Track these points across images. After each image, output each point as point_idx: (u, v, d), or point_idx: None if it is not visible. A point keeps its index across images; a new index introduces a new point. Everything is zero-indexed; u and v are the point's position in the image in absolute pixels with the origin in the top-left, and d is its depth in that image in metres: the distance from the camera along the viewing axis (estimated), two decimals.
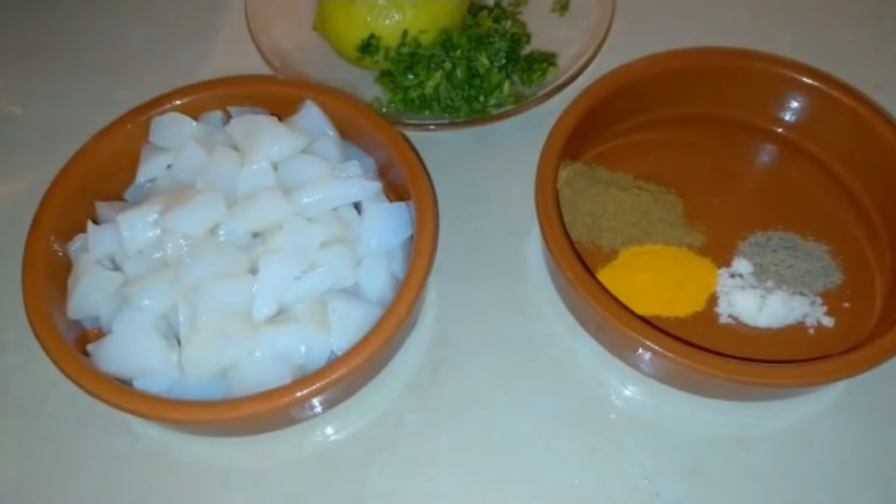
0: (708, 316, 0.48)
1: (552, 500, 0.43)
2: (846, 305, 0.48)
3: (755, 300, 0.47)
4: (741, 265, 0.49)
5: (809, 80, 0.52)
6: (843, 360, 0.42)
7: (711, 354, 0.42)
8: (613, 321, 0.42)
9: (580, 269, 0.44)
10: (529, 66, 0.57)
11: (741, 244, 0.50)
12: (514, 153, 0.55)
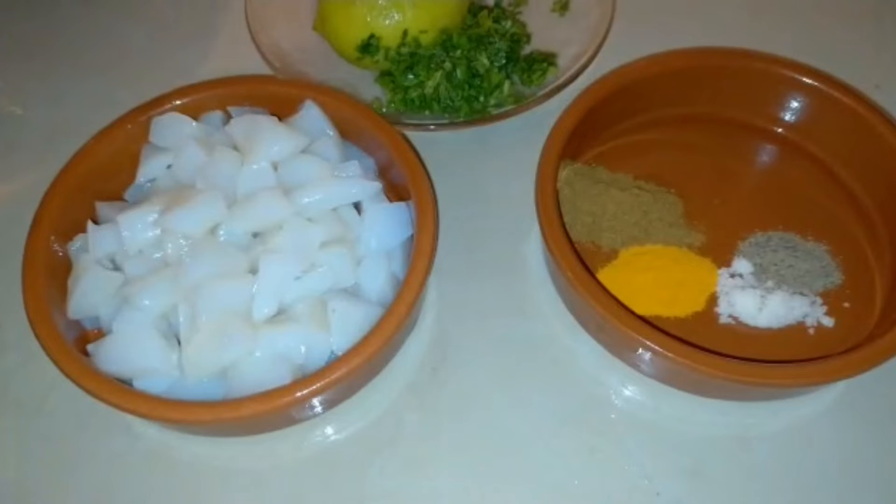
0: (708, 316, 0.48)
1: (552, 500, 0.43)
2: (846, 305, 0.48)
3: (755, 300, 0.47)
4: (741, 265, 0.49)
5: (809, 80, 0.52)
6: (843, 360, 0.42)
7: (711, 354, 0.42)
8: (613, 321, 0.42)
9: (580, 269, 0.44)
10: (529, 66, 0.57)
11: (741, 244, 0.50)
12: (514, 153, 0.55)
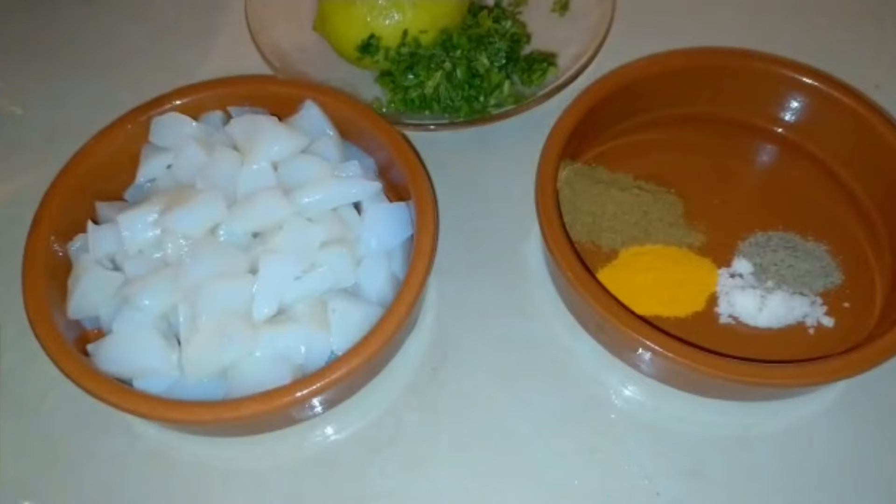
0: (708, 316, 0.48)
1: (552, 500, 0.43)
2: (846, 305, 0.48)
3: (755, 300, 0.47)
4: (741, 265, 0.49)
5: (809, 80, 0.52)
6: (843, 360, 0.42)
7: (711, 354, 0.42)
8: (613, 321, 0.42)
9: (580, 269, 0.44)
10: (529, 66, 0.56)
11: (741, 244, 0.50)
12: (514, 153, 0.55)
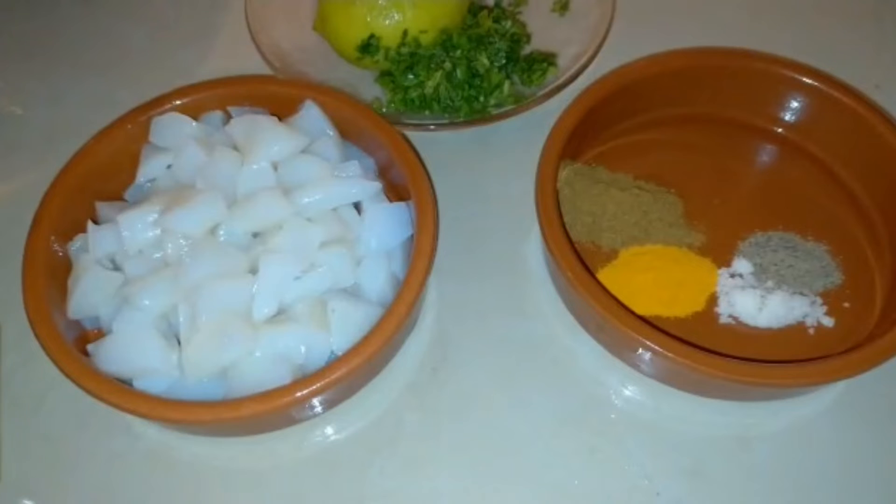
0: (708, 316, 0.48)
1: (552, 500, 0.43)
2: (846, 305, 0.48)
3: (755, 300, 0.47)
4: (741, 265, 0.49)
5: (809, 80, 0.52)
6: (843, 360, 0.42)
7: (711, 354, 0.42)
8: (613, 321, 0.42)
9: (580, 269, 0.44)
10: (529, 66, 0.56)
11: (741, 244, 0.50)
12: (514, 153, 0.55)
